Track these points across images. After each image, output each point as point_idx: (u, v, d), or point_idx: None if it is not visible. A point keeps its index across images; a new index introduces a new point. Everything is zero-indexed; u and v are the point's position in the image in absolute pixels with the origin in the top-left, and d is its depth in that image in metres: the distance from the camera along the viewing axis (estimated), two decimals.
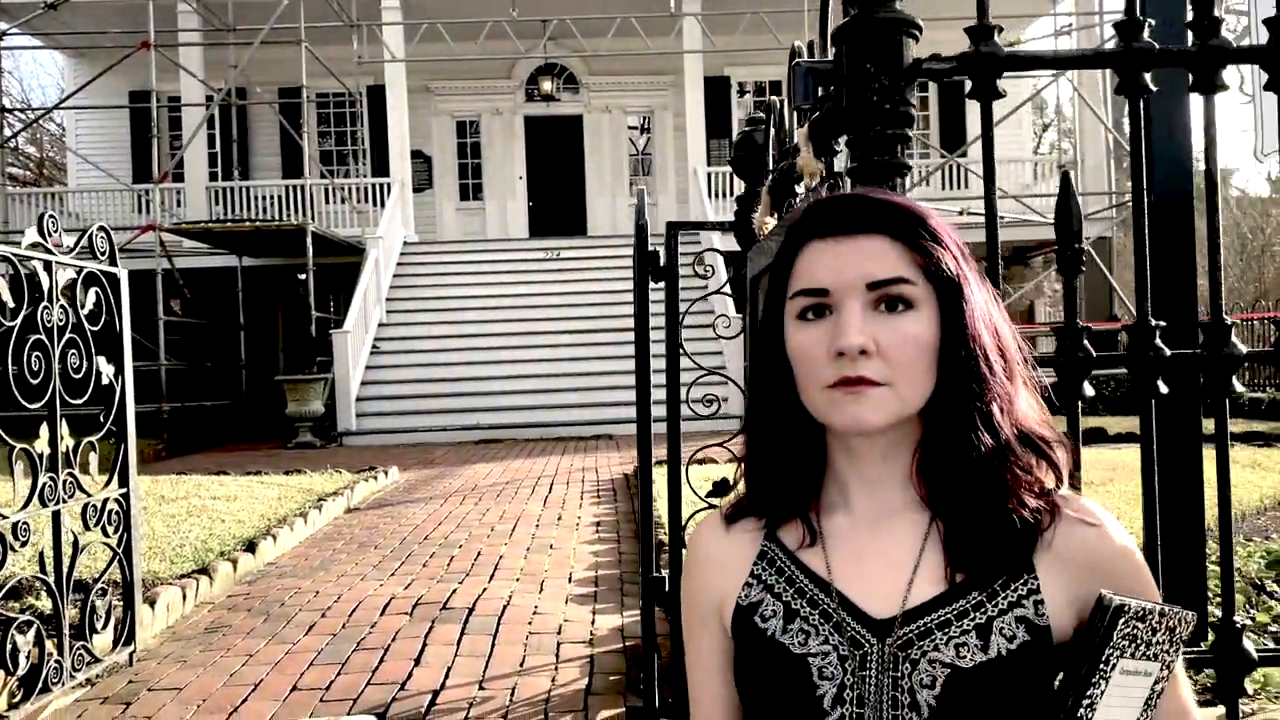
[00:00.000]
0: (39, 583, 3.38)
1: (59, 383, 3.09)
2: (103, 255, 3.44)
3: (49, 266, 3.09)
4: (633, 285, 2.91)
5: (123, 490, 3.45)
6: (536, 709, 2.91)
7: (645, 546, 2.79)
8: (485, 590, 4.32)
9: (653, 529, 2.84)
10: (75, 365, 3.21)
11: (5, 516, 2.83)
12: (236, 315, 14.56)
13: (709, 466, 3.35)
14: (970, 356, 0.95)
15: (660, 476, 2.99)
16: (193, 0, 14.63)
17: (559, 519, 6.19)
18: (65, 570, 3.12)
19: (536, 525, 5.98)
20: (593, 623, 3.80)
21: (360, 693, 3.09)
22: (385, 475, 8.20)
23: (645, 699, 2.78)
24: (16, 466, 2.88)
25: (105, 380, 3.41)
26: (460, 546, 5.36)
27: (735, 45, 15.78)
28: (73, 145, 17.40)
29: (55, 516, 3.09)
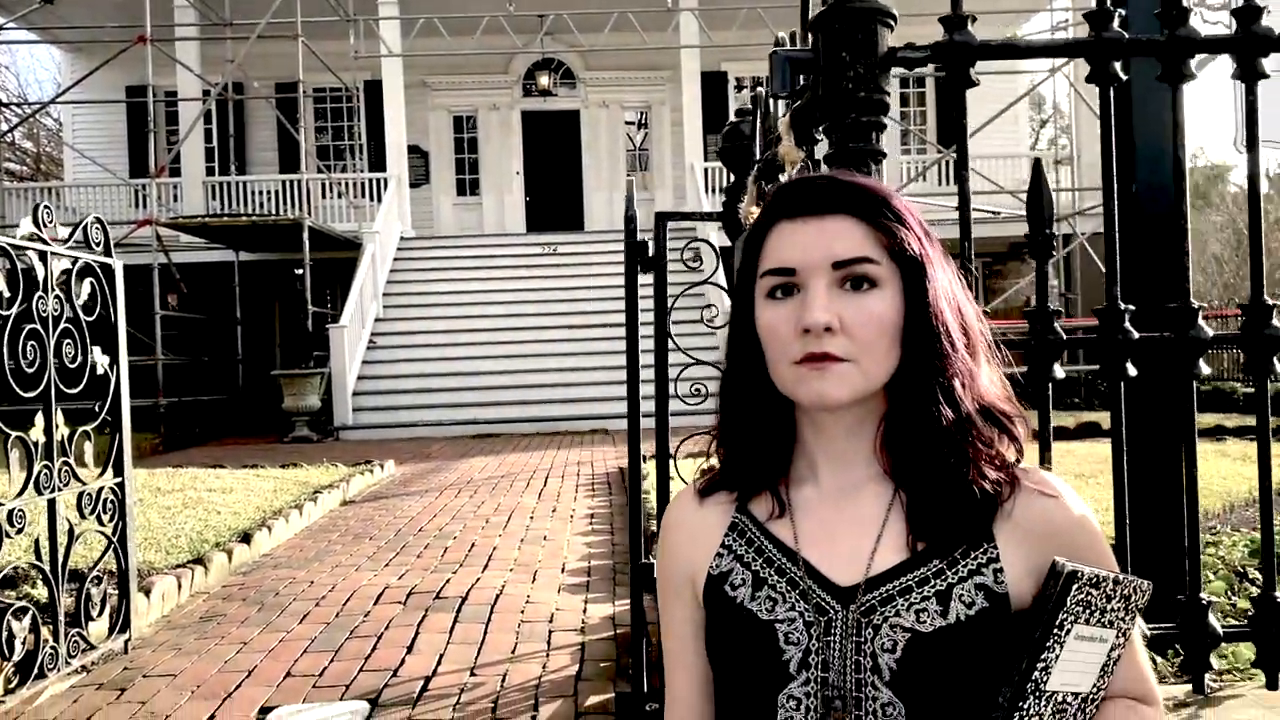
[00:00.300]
0: (35, 571, 3.41)
1: (54, 372, 3.12)
2: (98, 246, 3.47)
3: (44, 257, 3.12)
4: (624, 277, 2.94)
5: (118, 479, 3.48)
6: (527, 695, 2.94)
7: (634, 533, 2.82)
8: (479, 580, 4.35)
9: (642, 516, 2.88)
10: (70, 355, 3.23)
11: (1, 504, 2.86)
12: (233, 310, 14.58)
13: (702, 459, 3.38)
14: (932, 334, 0.98)
15: (653, 466, 3.02)
16: None
17: (553, 511, 6.22)
18: (61, 558, 3.15)
19: (531, 518, 6.01)
20: (585, 611, 3.84)
21: (353, 679, 3.12)
22: (381, 469, 8.24)
23: (634, 685, 2.81)
24: (12, 455, 2.91)
25: (100, 371, 3.44)
26: (455, 538, 5.39)
27: (732, 40, 15.79)
28: (69, 140, 17.39)
29: (51, 505, 3.12)
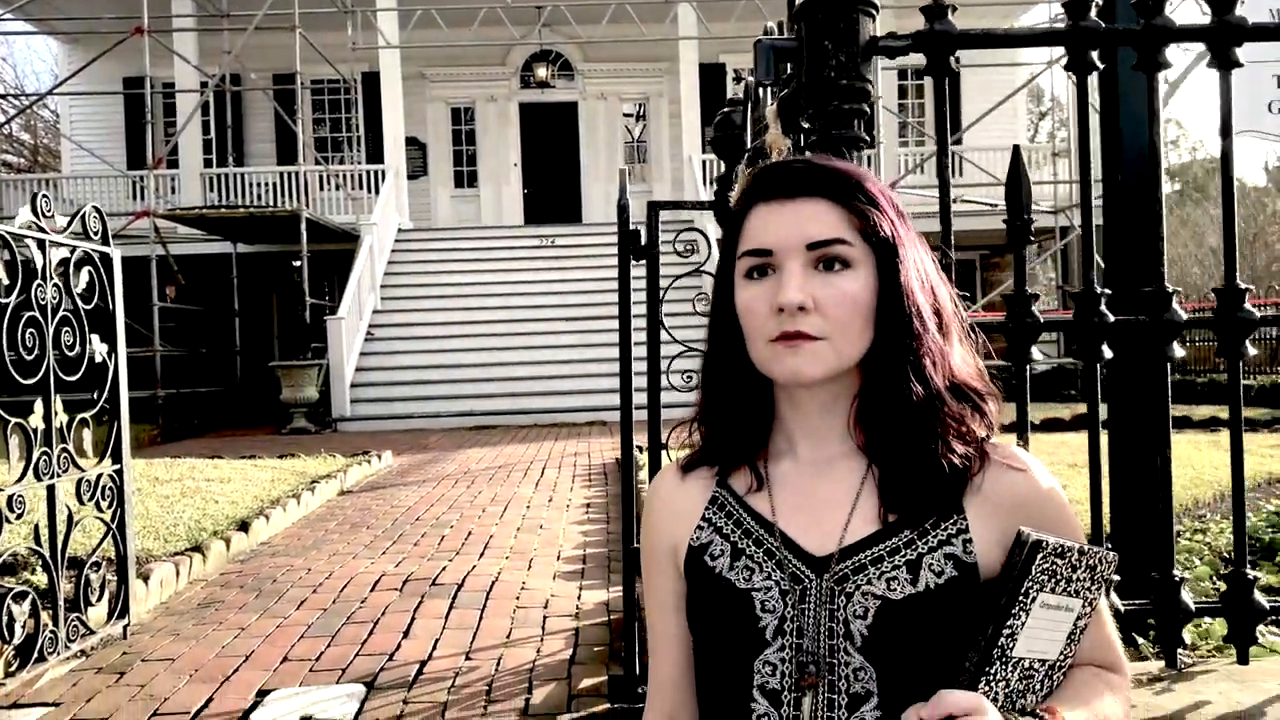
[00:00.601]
0: (35, 557, 3.45)
1: (53, 360, 3.14)
2: (96, 235, 3.49)
3: (43, 245, 3.15)
4: (617, 265, 2.97)
5: (116, 466, 3.51)
6: (521, 678, 2.98)
7: (627, 519, 2.86)
8: (475, 567, 4.39)
9: (635, 503, 2.91)
10: (69, 343, 3.26)
11: (0, 490, 2.89)
12: (231, 302, 14.60)
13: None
14: (904, 313, 1.01)
15: (646, 454, 3.06)
16: None
17: (550, 501, 6.26)
18: (60, 544, 3.18)
19: (527, 507, 6.05)
20: (579, 597, 3.88)
21: (349, 663, 3.16)
22: (379, 459, 8.27)
23: (627, 667, 2.84)
24: (11, 441, 2.94)
25: (99, 359, 3.47)
26: (451, 527, 5.43)
27: (730, 32, 15.78)
28: (67, 131, 17.39)
29: (50, 491, 3.15)
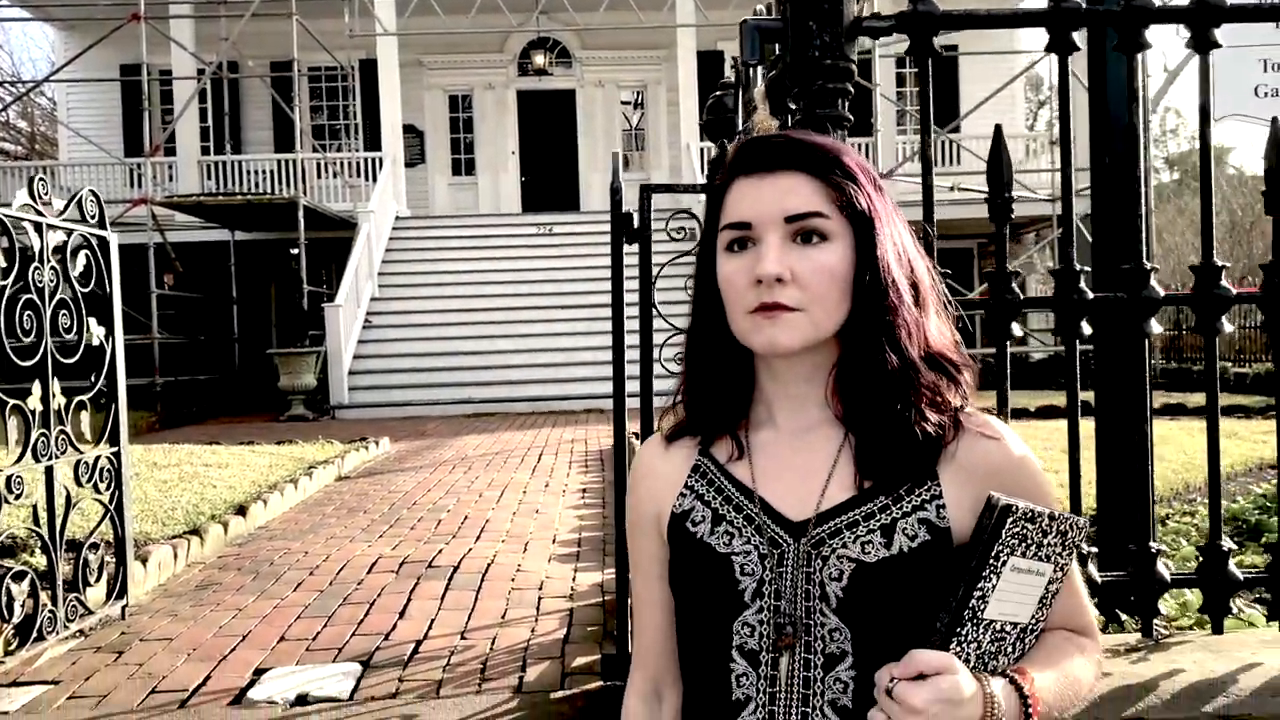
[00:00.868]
0: (33, 539, 3.48)
1: (50, 343, 3.17)
2: (92, 219, 3.51)
3: (40, 229, 3.17)
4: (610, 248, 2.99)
5: (114, 449, 3.54)
6: (515, 657, 3.02)
7: (620, 498, 2.89)
8: (470, 550, 4.42)
9: (627, 482, 2.93)
10: (66, 326, 3.28)
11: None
12: (229, 289, 14.61)
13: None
14: (880, 285, 1.03)
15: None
16: None
17: (546, 486, 6.30)
18: (58, 525, 3.21)
19: (524, 492, 6.09)
20: (574, 579, 3.91)
21: (345, 643, 3.20)
22: (376, 445, 8.30)
23: (619, 646, 2.87)
24: (10, 422, 2.97)
25: (96, 342, 3.49)
26: (448, 511, 5.46)
27: (728, 19, 15.71)
28: (64, 119, 17.36)
29: (48, 472, 3.18)
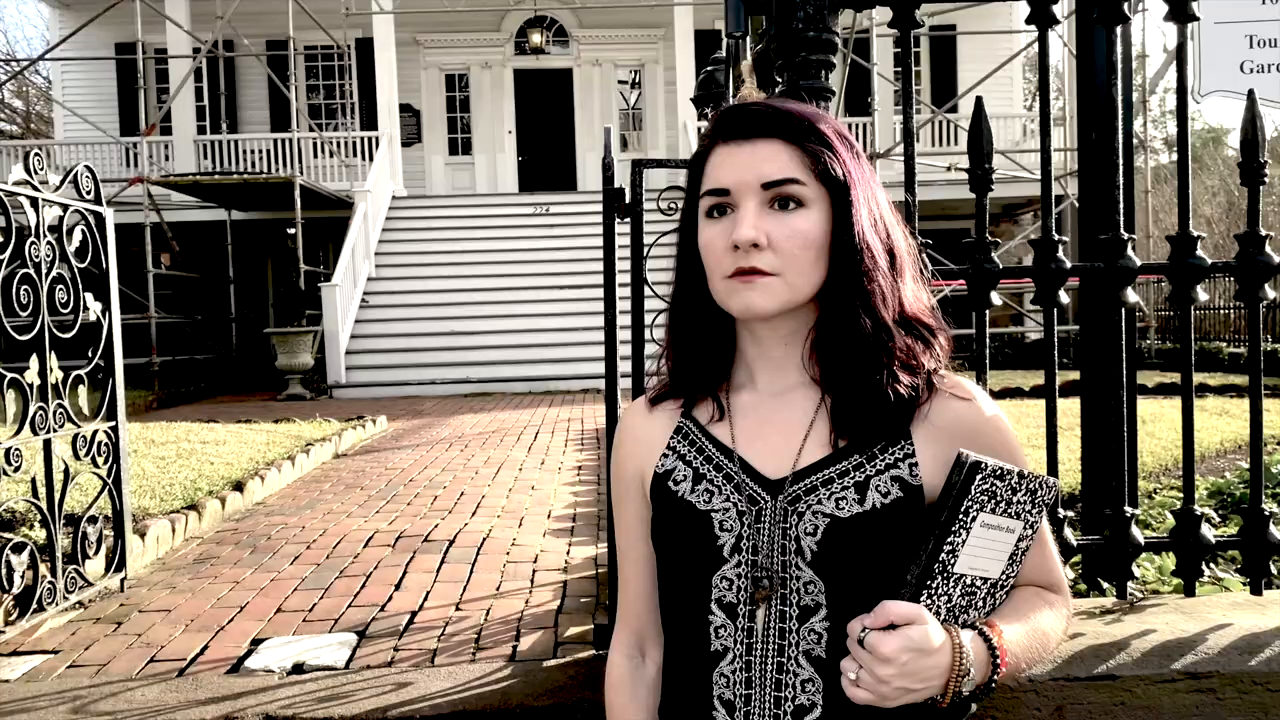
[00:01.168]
0: (32, 511, 3.51)
1: (47, 316, 3.19)
2: (88, 195, 3.53)
3: (36, 204, 3.18)
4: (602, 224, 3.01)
5: (111, 423, 3.56)
6: (510, 626, 3.06)
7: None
8: (466, 525, 4.47)
9: (613, 444, 2.96)
10: (63, 301, 3.30)
11: None
12: (226, 269, 14.62)
13: None
14: (855, 250, 1.06)
15: None
16: None
17: (542, 464, 6.34)
18: (57, 498, 3.24)
19: (520, 470, 6.13)
20: (568, 553, 3.96)
21: (342, 613, 3.24)
22: (373, 424, 8.34)
23: (611, 617, 2.92)
24: (8, 395, 2.99)
25: (93, 318, 3.51)
26: (444, 488, 5.50)
27: None
28: (59, 98, 17.29)
29: (47, 446, 3.21)
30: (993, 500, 1.03)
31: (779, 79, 1.79)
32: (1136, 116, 15.16)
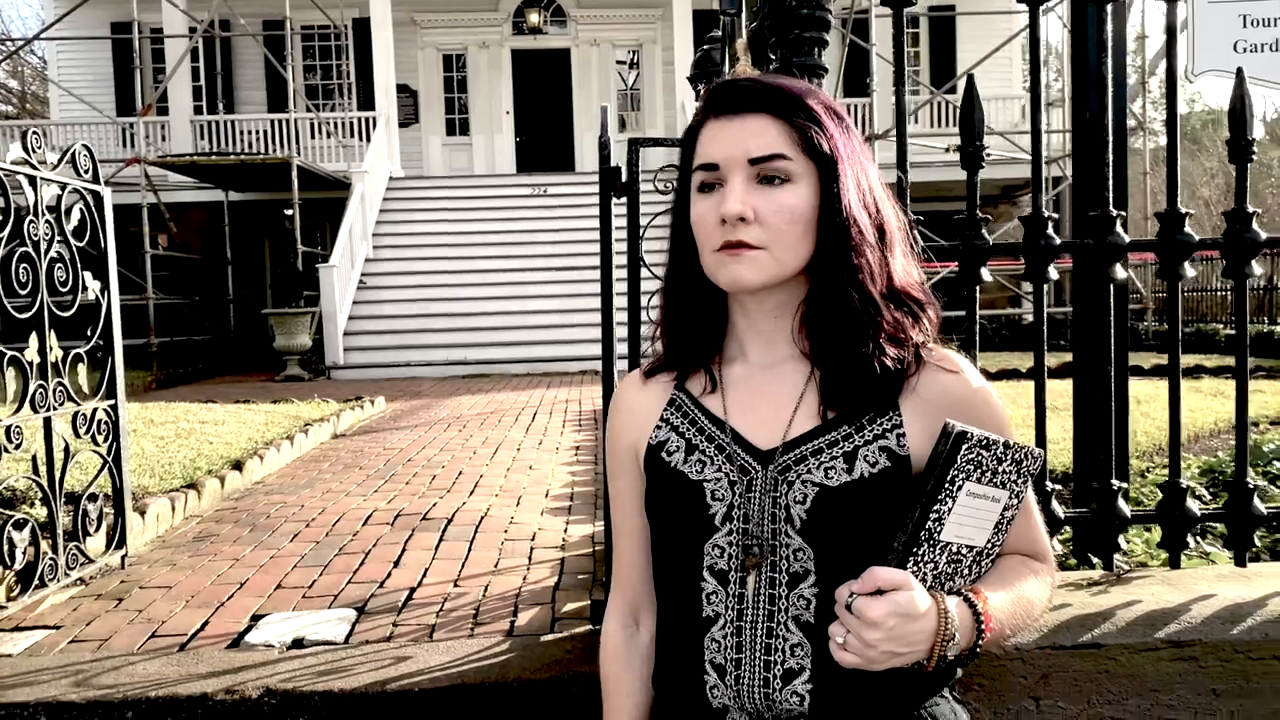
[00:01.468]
0: (33, 489, 3.54)
1: (46, 294, 3.20)
2: (86, 174, 3.53)
3: (34, 182, 3.19)
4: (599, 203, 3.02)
5: (111, 401, 3.58)
6: (507, 602, 3.09)
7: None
8: (464, 504, 4.50)
9: (607, 416, 2.98)
10: (62, 280, 3.31)
11: None
12: (224, 250, 14.61)
13: None
14: (842, 225, 1.08)
15: None
16: None
17: (540, 444, 6.37)
18: (58, 475, 3.26)
19: (518, 449, 6.16)
20: (566, 531, 3.99)
21: (341, 590, 3.27)
22: (372, 404, 8.36)
23: (608, 592, 2.95)
24: (8, 373, 3.01)
25: (92, 297, 3.52)
26: (443, 467, 5.53)
27: None
28: (54, 78, 17.20)
29: (47, 424, 3.23)
30: (979, 470, 1.05)
31: (773, 56, 1.80)
32: (1136, 98, 15.12)
